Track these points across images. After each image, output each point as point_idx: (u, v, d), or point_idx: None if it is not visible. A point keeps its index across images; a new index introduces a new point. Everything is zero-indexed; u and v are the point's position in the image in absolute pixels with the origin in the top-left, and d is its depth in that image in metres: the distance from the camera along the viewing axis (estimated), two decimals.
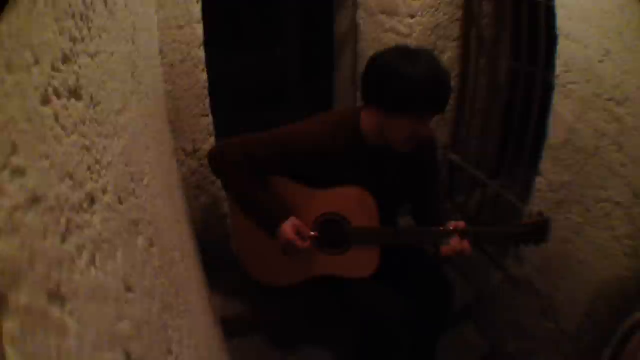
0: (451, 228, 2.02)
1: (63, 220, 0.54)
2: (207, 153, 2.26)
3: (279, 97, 3.50)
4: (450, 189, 3.12)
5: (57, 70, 0.62)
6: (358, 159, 2.09)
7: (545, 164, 2.18)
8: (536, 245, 1.98)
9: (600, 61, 1.87)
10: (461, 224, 2.04)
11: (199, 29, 2.37)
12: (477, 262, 2.72)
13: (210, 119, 2.49)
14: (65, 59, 0.67)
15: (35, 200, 0.48)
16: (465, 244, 1.99)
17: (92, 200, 0.68)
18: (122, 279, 0.76)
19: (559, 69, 2.06)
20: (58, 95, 0.60)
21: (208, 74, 2.43)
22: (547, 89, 2.21)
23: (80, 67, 0.73)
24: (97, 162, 0.75)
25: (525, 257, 2.35)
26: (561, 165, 2.10)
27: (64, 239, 0.54)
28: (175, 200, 1.89)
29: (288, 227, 2.05)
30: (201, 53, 2.40)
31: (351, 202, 2.12)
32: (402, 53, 1.87)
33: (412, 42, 2.70)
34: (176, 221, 1.76)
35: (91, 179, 0.70)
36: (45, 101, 0.56)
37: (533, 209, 2.19)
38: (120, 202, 0.86)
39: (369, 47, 2.91)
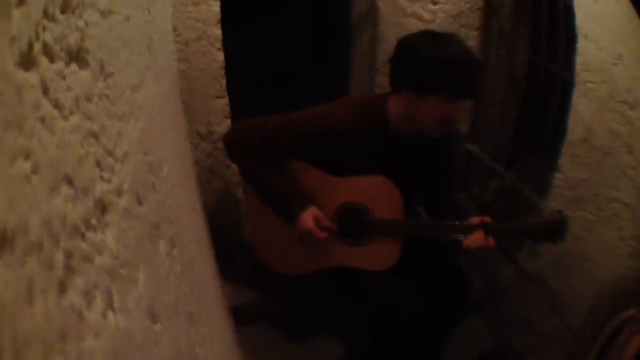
0: (475, 222, 1.85)
1: (58, 259, 0.32)
2: (222, 136, 2.03)
3: (291, 78, 3.25)
4: (466, 178, 2.90)
5: (52, 19, 0.39)
6: (383, 146, 1.88)
7: (563, 160, 2.07)
8: (553, 243, 1.83)
9: (614, 64, 1.82)
10: (486, 219, 1.86)
11: (216, 6, 2.13)
12: (489, 255, 2.54)
13: (226, 100, 2.24)
14: (66, 7, 0.44)
15: (5, 239, 0.25)
16: (491, 240, 1.83)
17: (103, 208, 0.46)
18: (148, 309, 0.54)
19: (578, 66, 1.97)
20: (50, 55, 0.37)
21: None
22: (565, 84, 2.10)
23: (86, 23, 0.50)
24: (110, 153, 0.52)
25: (539, 252, 2.22)
26: (578, 162, 2.01)
27: (62, 290, 0.32)
28: (190, 186, 1.67)
29: (308, 217, 1.84)
30: (218, 31, 2.16)
31: (375, 192, 1.90)
32: (433, 36, 1.73)
33: (435, 29, 2.48)
34: (192, 210, 1.54)
35: (101, 178, 0.47)
36: (27, 62, 0.33)
37: (552, 207, 2.07)
38: (140, 203, 0.64)
39: (388, 31, 2.66)
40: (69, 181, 0.37)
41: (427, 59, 1.67)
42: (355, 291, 2.07)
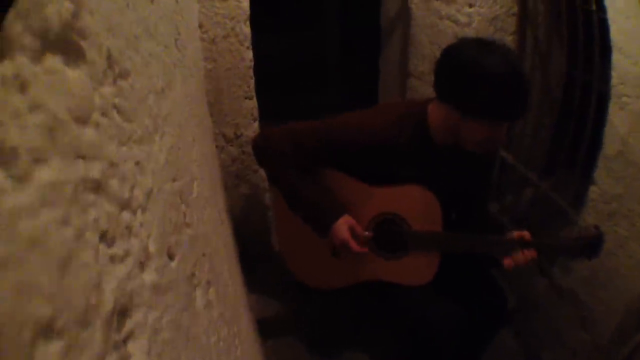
0: (515, 237, 1.61)
1: None
2: (250, 140, 1.80)
3: (318, 80, 3.01)
4: (499, 187, 2.66)
5: None
6: (422, 156, 1.64)
7: (599, 174, 1.88)
8: (589, 259, 1.62)
9: None
10: (526, 234, 1.62)
11: (246, 2, 1.89)
12: (521, 268, 2.34)
13: (254, 101, 2.00)
14: None
15: None
16: (533, 254, 1.59)
17: (122, 313, 0.23)
18: None
19: (614, 80, 1.78)
20: None
21: None
22: (601, 96, 1.90)
23: None
24: (125, 204, 0.29)
25: (572, 267, 2.04)
26: (614, 177, 1.84)
27: None
28: (218, 196, 1.45)
29: (342, 227, 1.61)
30: (247, 29, 1.93)
31: (413, 203, 1.67)
32: (484, 50, 1.43)
33: (471, 32, 2.26)
34: (220, 222, 1.32)
35: (112, 259, 0.25)
36: None
37: (588, 220, 1.89)
38: (172, 257, 0.41)
39: (421, 33, 2.42)
40: (62, 267, 0.15)
41: (475, 81, 1.41)
42: (390, 305, 1.84)
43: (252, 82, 1.96)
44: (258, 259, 2.03)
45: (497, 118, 1.46)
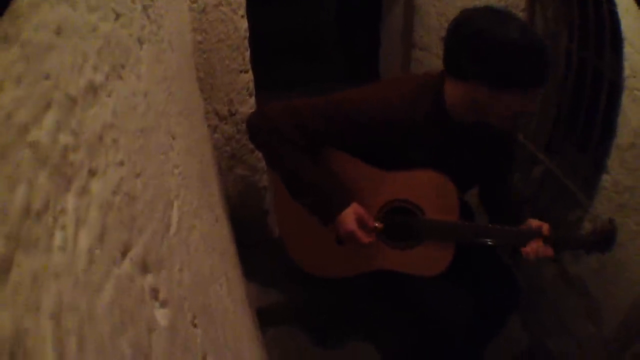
0: (534, 228, 1.42)
1: None
2: (245, 118, 1.54)
3: (314, 51, 2.73)
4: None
5: None
6: (439, 135, 1.40)
7: (612, 163, 1.70)
8: (602, 253, 1.46)
9: None
10: (546, 226, 1.43)
11: None
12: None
13: (250, 75, 1.73)
14: None
15: None
16: (550, 250, 1.42)
17: None
18: None
19: (626, 71, 1.61)
20: None
21: None
22: (613, 85, 1.72)
23: None
24: None
25: (581, 257, 1.86)
26: (626, 168, 1.68)
27: None
28: (210, 185, 1.20)
29: (349, 216, 1.38)
30: None
31: (428, 189, 1.43)
32: (498, 18, 1.24)
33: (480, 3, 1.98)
34: (214, 221, 1.08)
35: None
36: None
37: (599, 210, 1.71)
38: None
39: (427, 3, 2.12)
40: None
41: (501, 51, 1.20)
42: (398, 295, 1.63)
43: (247, 54, 1.69)
44: (256, 244, 1.80)
45: (530, 84, 1.25)
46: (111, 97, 0.34)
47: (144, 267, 0.35)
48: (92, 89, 0.30)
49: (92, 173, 0.28)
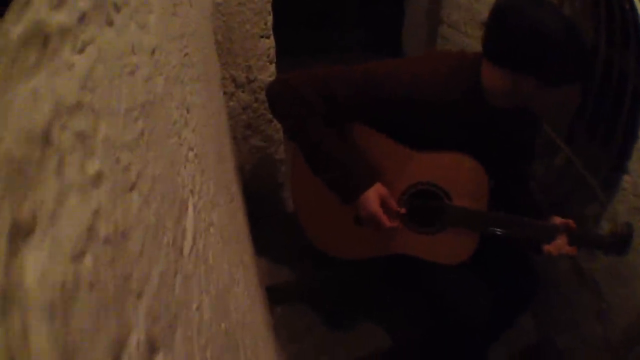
0: (558, 224, 1.31)
1: None
2: (264, 86, 1.38)
3: (333, 19, 2.53)
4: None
5: None
6: (471, 118, 1.25)
7: (633, 165, 1.58)
8: (618, 255, 1.35)
9: None
10: (571, 223, 1.31)
11: None
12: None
13: (272, 41, 1.56)
14: None
15: None
16: (573, 249, 1.31)
17: None
18: None
19: None
20: None
21: None
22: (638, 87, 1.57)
23: None
24: None
25: (597, 256, 1.74)
26: None
27: None
28: (225, 160, 1.06)
29: (372, 198, 1.24)
30: None
31: (459, 174, 1.29)
32: (544, 11, 1.10)
33: None
34: (230, 201, 0.94)
35: None
36: None
37: (617, 210, 1.59)
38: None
39: None
40: None
41: (554, 49, 1.08)
42: (416, 281, 1.50)
43: (269, 18, 1.51)
44: (269, 219, 1.67)
45: (578, 79, 1.17)
46: (86, 53, 0.19)
47: (152, 348, 0.22)
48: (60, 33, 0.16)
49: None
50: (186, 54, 0.60)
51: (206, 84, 0.84)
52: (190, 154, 0.44)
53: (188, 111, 0.50)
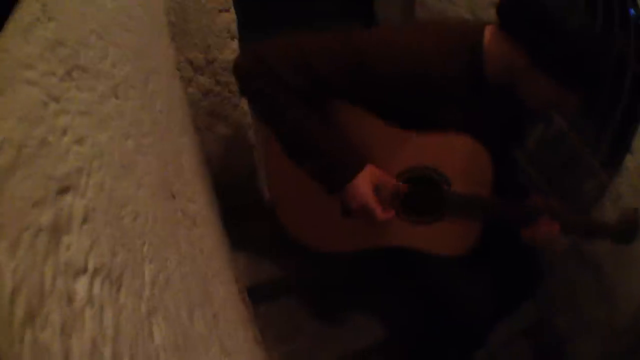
0: (539, 204, 1.18)
1: None
2: (230, 64, 1.21)
3: None
4: None
5: None
6: (469, 97, 1.12)
7: (637, 145, 1.49)
8: (626, 243, 1.23)
9: None
10: (552, 202, 1.19)
11: None
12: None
13: (232, 14, 1.37)
14: None
15: None
16: (556, 227, 1.16)
17: None
18: None
19: None
20: None
21: None
22: None
23: None
24: None
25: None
26: None
27: None
28: (187, 162, 0.91)
29: (362, 184, 1.10)
30: None
31: (459, 158, 1.16)
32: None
33: None
34: (198, 211, 0.80)
35: None
36: None
37: (620, 192, 1.50)
38: None
39: None
40: None
41: (559, 38, 0.97)
42: (408, 274, 1.39)
43: None
44: (243, 212, 1.53)
45: (568, 84, 1.03)
46: None
47: None
48: None
49: None
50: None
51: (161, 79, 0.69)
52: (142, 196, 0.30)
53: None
